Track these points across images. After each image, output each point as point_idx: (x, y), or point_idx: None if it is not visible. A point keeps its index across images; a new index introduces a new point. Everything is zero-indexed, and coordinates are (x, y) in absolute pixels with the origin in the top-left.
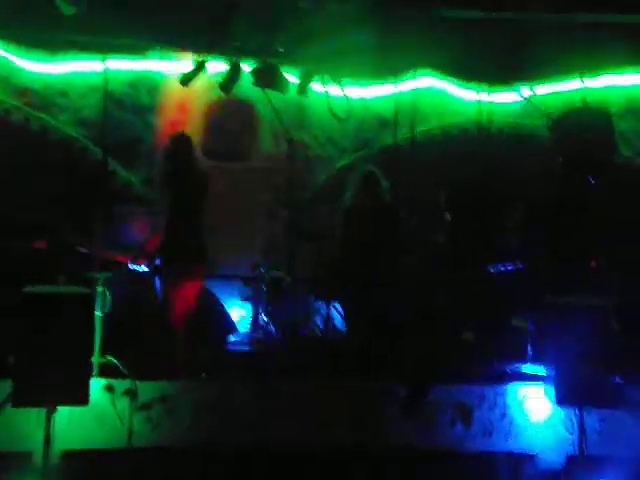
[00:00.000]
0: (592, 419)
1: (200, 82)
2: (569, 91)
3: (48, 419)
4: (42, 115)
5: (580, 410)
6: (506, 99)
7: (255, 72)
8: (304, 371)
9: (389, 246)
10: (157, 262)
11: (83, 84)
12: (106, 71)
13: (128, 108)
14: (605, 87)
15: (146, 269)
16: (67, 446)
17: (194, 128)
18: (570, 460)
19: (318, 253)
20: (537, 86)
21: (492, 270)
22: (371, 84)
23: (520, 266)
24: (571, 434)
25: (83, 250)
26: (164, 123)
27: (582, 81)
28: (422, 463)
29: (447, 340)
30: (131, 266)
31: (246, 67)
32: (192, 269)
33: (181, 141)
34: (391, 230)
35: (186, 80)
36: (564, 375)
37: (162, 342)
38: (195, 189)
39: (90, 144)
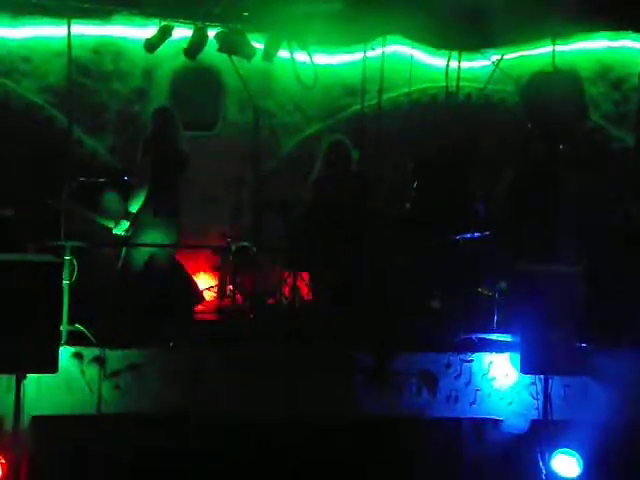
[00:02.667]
0: (557, 385)
1: (165, 48)
2: (539, 56)
3: (18, 386)
4: (5, 81)
5: (545, 377)
6: (475, 65)
7: (220, 37)
8: (270, 340)
9: (357, 216)
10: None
11: (47, 50)
12: (70, 36)
13: (92, 75)
14: (576, 51)
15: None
16: (37, 412)
17: (159, 96)
18: (534, 425)
19: (285, 222)
20: (507, 51)
21: (459, 238)
22: (339, 51)
23: (487, 234)
24: (536, 400)
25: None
26: (129, 91)
27: (554, 45)
28: (388, 430)
29: (413, 307)
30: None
31: (212, 33)
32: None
33: (162, 115)
34: (360, 200)
35: (151, 46)
36: (530, 343)
37: (130, 310)
38: (174, 165)
39: (55, 111)
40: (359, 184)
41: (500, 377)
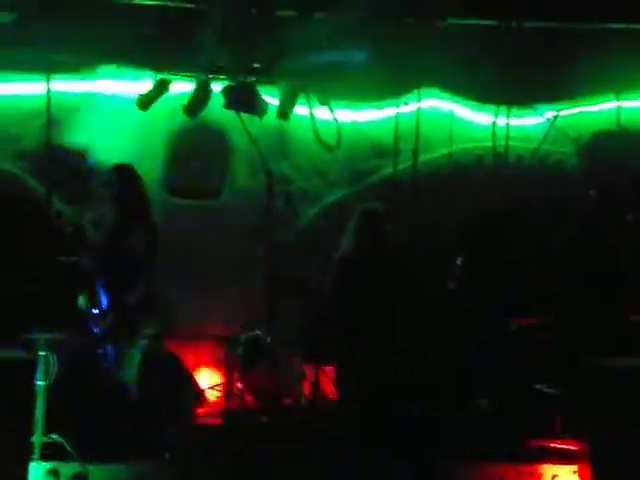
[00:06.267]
0: None
1: (162, 105)
2: (601, 112)
3: None
4: None
5: None
6: (526, 122)
7: (227, 92)
8: (287, 448)
9: (394, 300)
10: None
11: (21, 109)
12: (49, 94)
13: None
14: None
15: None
16: None
17: (155, 160)
18: None
19: (305, 307)
20: (563, 107)
21: (514, 324)
22: (366, 106)
23: (548, 319)
24: None
25: None
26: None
27: (617, 100)
28: None
29: (458, 409)
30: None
31: (216, 87)
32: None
33: (123, 171)
34: (396, 281)
35: (145, 103)
36: (603, 452)
37: (116, 417)
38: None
39: (31, 179)
40: (396, 263)
41: None
